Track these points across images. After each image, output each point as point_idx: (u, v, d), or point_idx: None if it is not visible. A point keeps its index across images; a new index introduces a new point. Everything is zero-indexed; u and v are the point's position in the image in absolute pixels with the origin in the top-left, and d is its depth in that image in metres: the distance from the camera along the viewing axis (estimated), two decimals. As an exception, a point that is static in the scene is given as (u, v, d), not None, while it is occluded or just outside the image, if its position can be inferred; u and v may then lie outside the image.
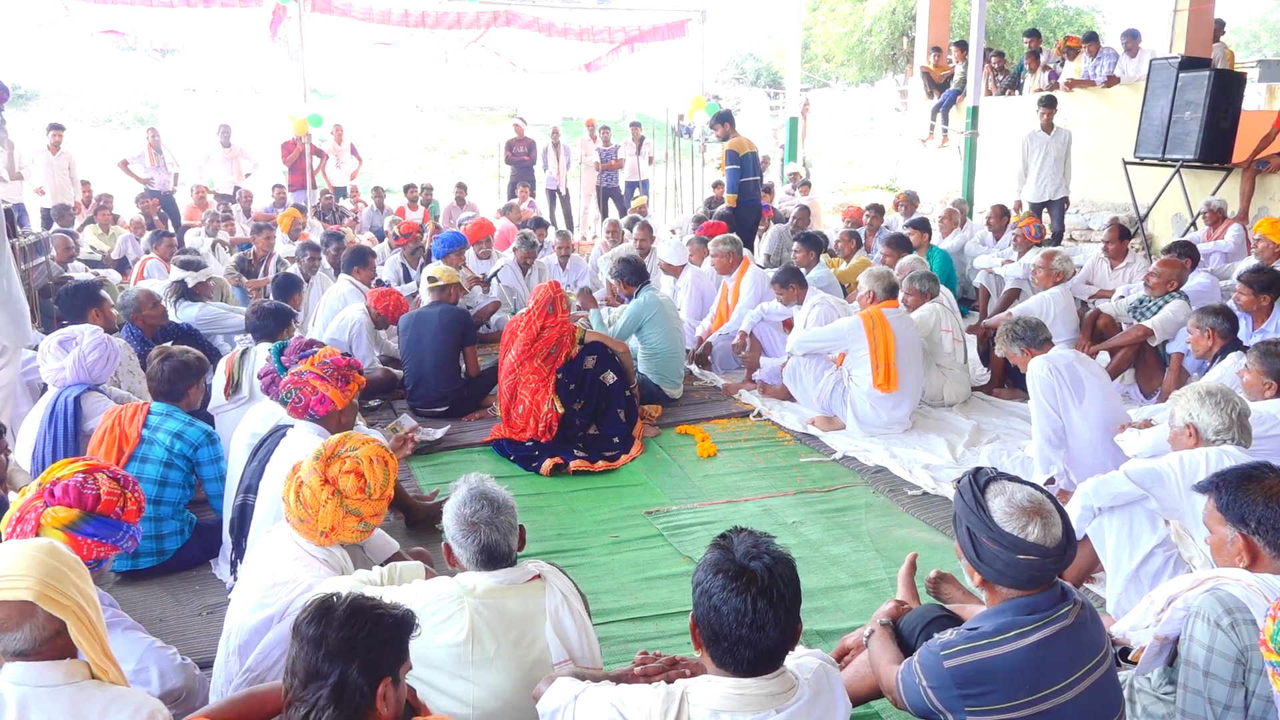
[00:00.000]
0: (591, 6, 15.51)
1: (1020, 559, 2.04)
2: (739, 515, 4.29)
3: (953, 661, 2.09)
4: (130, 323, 5.36)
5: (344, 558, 2.64)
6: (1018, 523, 2.05)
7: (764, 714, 1.83)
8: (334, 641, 1.79)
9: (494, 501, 2.41)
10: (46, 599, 1.85)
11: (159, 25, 12.53)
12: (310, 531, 2.56)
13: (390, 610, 1.89)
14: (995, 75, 13.58)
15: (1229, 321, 4.56)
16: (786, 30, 15.74)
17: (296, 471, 2.59)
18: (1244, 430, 3.02)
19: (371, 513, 2.60)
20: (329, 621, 1.82)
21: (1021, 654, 2.04)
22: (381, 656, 1.82)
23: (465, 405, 5.73)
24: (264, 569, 2.58)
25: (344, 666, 1.77)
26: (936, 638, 2.19)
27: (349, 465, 2.56)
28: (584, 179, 14.29)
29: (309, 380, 3.38)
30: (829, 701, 1.94)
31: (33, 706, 1.84)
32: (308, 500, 2.52)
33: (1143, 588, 2.93)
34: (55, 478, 2.41)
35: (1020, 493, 2.11)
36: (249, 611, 2.52)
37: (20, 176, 11.00)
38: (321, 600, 1.88)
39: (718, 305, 7.02)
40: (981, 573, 2.13)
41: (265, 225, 9.02)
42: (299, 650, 1.81)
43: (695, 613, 1.89)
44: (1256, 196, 9.04)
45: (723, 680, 1.86)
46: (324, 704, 1.76)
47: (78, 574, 1.96)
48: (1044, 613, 2.08)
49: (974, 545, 2.12)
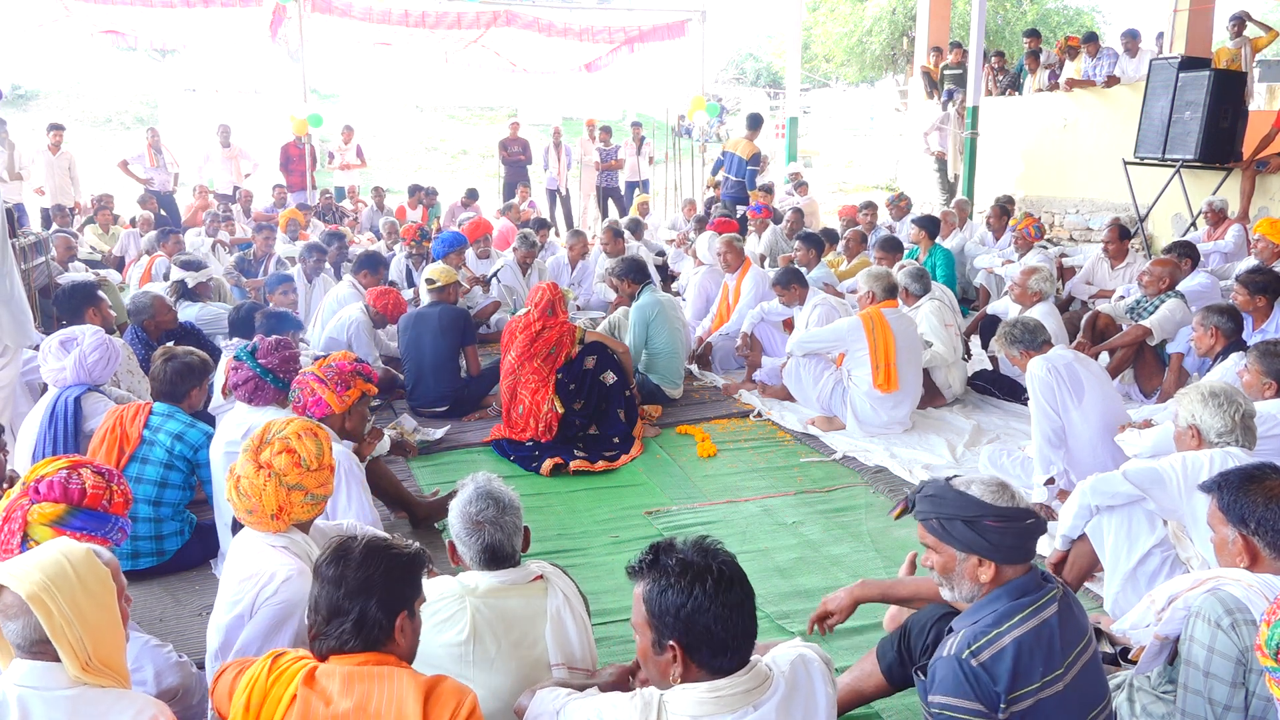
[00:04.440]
0: (591, 6, 15.53)
1: (1025, 525, 2.11)
2: (739, 515, 4.29)
3: (981, 656, 2.03)
4: (139, 325, 5.37)
5: (307, 543, 2.62)
6: (1004, 496, 2.14)
7: (741, 712, 1.83)
8: (353, 580, 1.93)
9: (499, 501, 2.41)
10: (38, 601, 1.83)
11: (159, 25, 12.54)
12: (262, 520, 2.54)
13: (404, 549, 2.03)
14: (995, 75, 13.59)
15: (1233, 321, 4.55)
16: (786, 30, 15.75)
17: (233, 471, 2.59)
18: (1248, 432, 3.00)
19: (315, 484, 2.59)
20: (347, 562, 1.96)
21: (1027, 638, 2.04)
22: (398, 592, 1.97)
23: (465, 405, 5.73)
24: (232, 569, 2.58)
25: (364, 602, 1.92)
26: (939, 655, 2.12)
27: (278, 446, 2.56)
28: (584, 179, 14.30)
29: (309, 382, 3.41)
30: (808, 692, 1.93)
31: (34, 708, 1.84)
32: (247, 489, 2.52)
33: (1140, 588, 2.93)
34: (39, 475, 2.40)
35: (979, 476, 2.22)
36: (223, 613, 2.52)
37: (20, 176, 11.02)
38: (339, 543, 2.01)
39: (718, 305, 7.02)
40: (996, 558, 2.11)
41: (265, 225, 9.03)
42: (321, 589, 1.96)
43: (687, 638, 1.82)
44: (1256, 196, 9.05)
45: (698, 685, 1.84)
46: (348, 636, 1.91)
47: (92, 594, 1.90)
48: (1034, 595, 2.10)
49: (980, 534, 2.11)
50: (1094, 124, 11.56)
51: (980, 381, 6.00)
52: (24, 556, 1.94)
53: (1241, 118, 9.13)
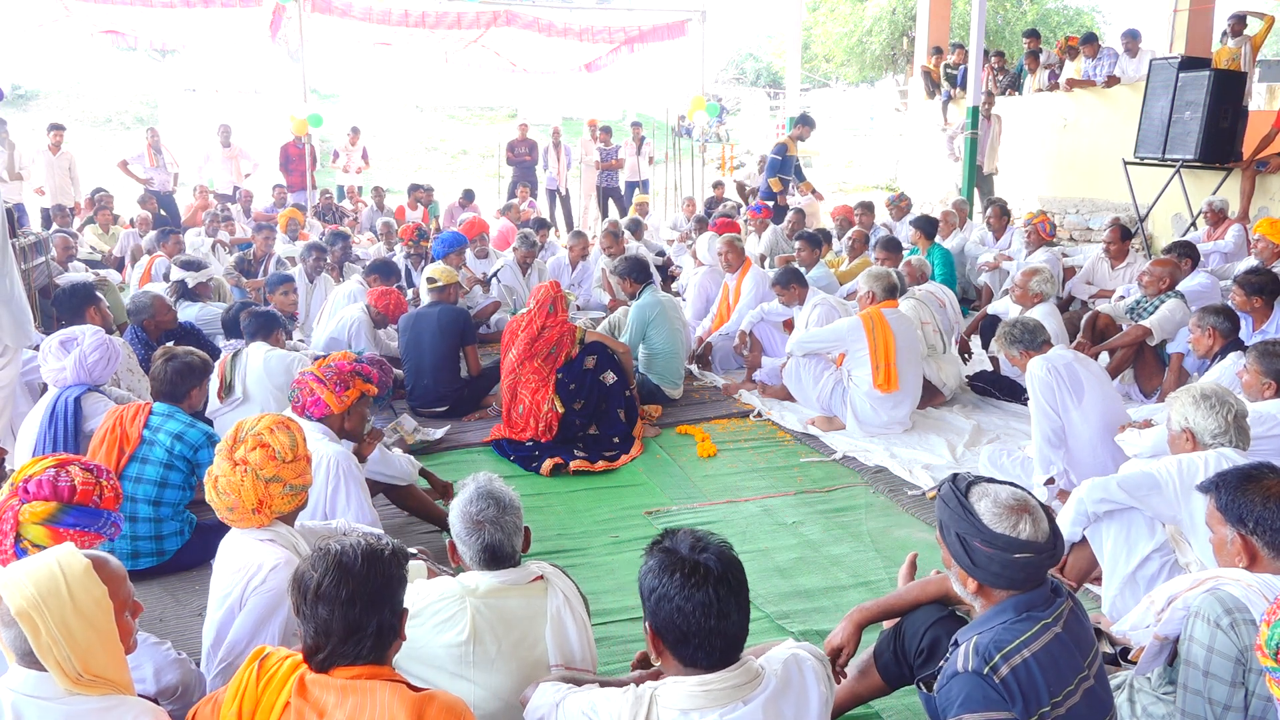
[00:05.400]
0: (591, 6, 15.51)
1: (1016, 558, 2.00)
2: (739, 515, 4.29)
3: (1001, 671, 1.94)
4: (139, 325, 5.36)
5: (292, 534, 2.64)
6: (1008, 522, 2.01)
7: (731, 706, 1.85)
8: (365, 595, 1.90)
9: (500, 501, 2.41)
10: (26, 617, 1.83)
11: (159, 25, 12.54)
12: (244, 517, 2.56)
13: (390, 547, 2.01)
14: (995, 75, 13.59)
15: (1230, 321, 4.56)
16: (786, 30, 15.75)
17: (211, 473, 2.60)
18: (1241, 432, 3.01)
19: (293, 475, 2.60)
20: (353, 577, 1.90)
21: (1042, 656, 1.97)
22: (400, 594, 1.98)
23: (465, 405, 5.73)
24: (221, 567, 2.61)
25: (379, 615, 1.90)
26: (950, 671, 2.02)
27: (251, 443, 2.59)
28: (584, 179, 14.30)
29: (308, 382, 3.42)
30: (800, 690, 1.94)
31: (29, 715, 1.84)
32: (225, 488, 2.54)
33: (1139, 591, 2.92)
34: (27, 475, 2.40)
35: (1004, 492, 2.07)
36: (215, 608, 2.55)
37: (20, 176, 11.01)
38: (334, 559, 1.92)
39: (718, 305, 7.03)
40: (978, 578, 2.06)
41: (265, 225, 9.02)
42: (334, 612, 1.87)
43: (654, 621, 1.91)
44: (1256, 196, 9.06)
45: (687, 679, 1.87)
46: (369, 650, 1.89)
47: (84, 613, 1.88)
48: (1041, 611, 2.03)
49: (967, 551, 2.05)
50: (1094, 124, 11.57)
51: (980, 382, 6.00)
52: (22, 564, 1.93)
53: (1241, 118, 9.13)
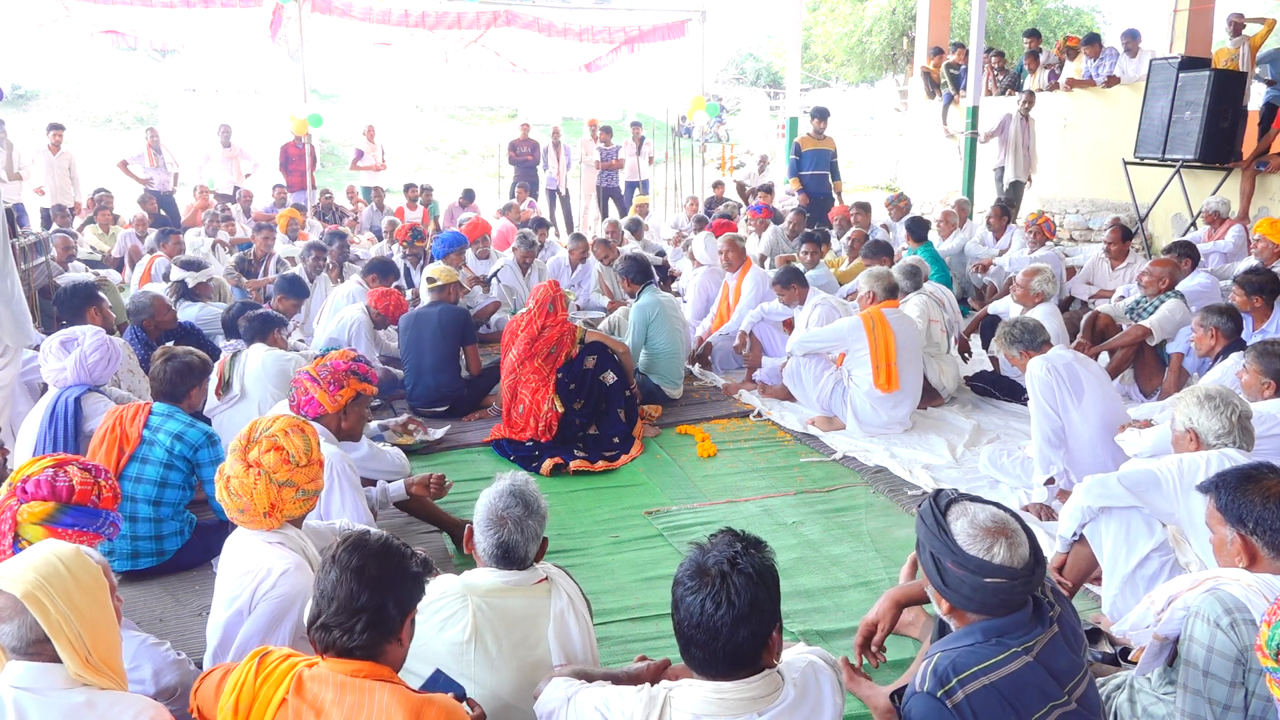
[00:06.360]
0: (591, 6, 15.49)
1: (987, 582, 1.93)
2: (739, 515, 4.29)
3: (955, 697, 1.88)
4: (139, 325, 5.36)
5: (301, 538, 2.63)
6: (982, 544, 1.94)
7: (745, 717, 1.82)
8: (374, 572, 1.91)
9: (528, 504, 2.41)
10: (33, 599, 1.84)
11: (159, 25, 12.54)
12: (254, 519, 2.55)
13: (413, 551, 2.04)
14: (995, 75, 13.59)
15: (1233, 321, 4.55)
16: (786, 30, 15.74)
17: (222, 472, 2.59)
18: (1245, 433, 3.00)
19: (305, 479, 2.60)
20: (367, 552, 1.93)
21: (1004, 684, 1.91)
22: (411, 593, 1.97)
23: (465, 405, 5.73)
24: (228, 567, 2.59)
25: (383, 598, 1.89)
26: (912, 688, 1.97)
27: (266, 445, 2.57)
28: (584, 179, 14.30)
29: (303, 381, 3.42)
30: (815, 701, 1.91)
31: (30, 710, 1.84)
32: (237, 489, 2.52)
33: (1139, 591, 2.91)
34: (25, 475, 2.40)
35: (983, 513, 1.99)
36: (221, 610, 2.53)
37: (20, 176, 11.01)
38: (357, 535, 1.99)
39: (718, 305, 7.02)
40: (949, 599, 2.00)
41: (265, 225, 9.02)
42: (338, 576, 1.90)
43: (673, 620, 1.90)
44: (1256, 196, 9.06)
45: (703, 684, 1.84)
46: (361, 629, 1.87)
47: (86, 589, 1.91)
48: (1016, 637, 1.95)
49: (939, 571, 2.00)
50: (1094, 124, 11.56)
51: (980, 382, 6.00)
52: (13, 560, 1.94)
53: (1241, 118, 9.14)
